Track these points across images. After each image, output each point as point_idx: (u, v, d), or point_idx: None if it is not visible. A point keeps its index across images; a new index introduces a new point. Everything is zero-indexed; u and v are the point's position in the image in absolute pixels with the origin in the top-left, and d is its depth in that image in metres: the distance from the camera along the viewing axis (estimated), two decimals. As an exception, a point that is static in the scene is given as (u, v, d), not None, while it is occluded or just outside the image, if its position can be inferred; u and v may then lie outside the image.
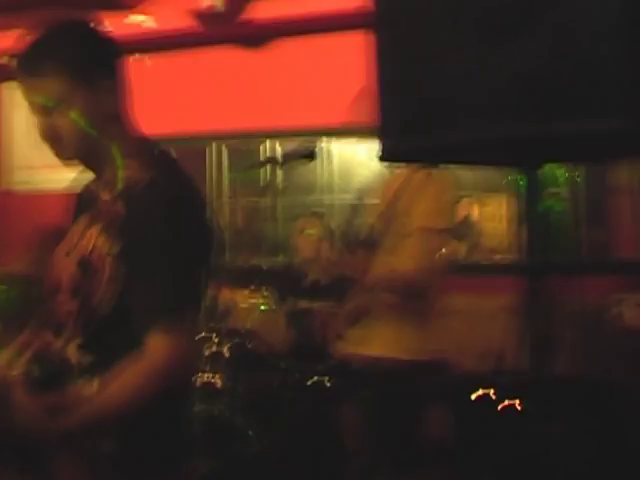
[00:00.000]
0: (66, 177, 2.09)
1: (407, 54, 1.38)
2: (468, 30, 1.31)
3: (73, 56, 1.88)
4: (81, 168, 2.03)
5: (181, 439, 1.95)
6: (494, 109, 1.29)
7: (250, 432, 4.10)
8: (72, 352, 1.90)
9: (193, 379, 1.98)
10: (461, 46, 1.32)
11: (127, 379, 1.79)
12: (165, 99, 6.76)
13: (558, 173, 5.43)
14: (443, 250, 3.28)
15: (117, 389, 1.79)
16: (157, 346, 1.77)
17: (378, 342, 3.26)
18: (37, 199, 7.07)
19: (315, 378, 4.31)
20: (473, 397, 4.24)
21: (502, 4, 1.27)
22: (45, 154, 1.96)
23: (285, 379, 4.35)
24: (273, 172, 6.33)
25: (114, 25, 6.55)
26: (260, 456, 4.07)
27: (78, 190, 2.11)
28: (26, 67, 1.89)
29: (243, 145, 6.85)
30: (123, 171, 1.90)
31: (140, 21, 6.50)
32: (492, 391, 4.28)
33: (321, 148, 5.49)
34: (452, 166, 3.11)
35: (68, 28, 1.96)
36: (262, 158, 6.53)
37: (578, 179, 5.59)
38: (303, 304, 4.82)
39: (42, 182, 7.16)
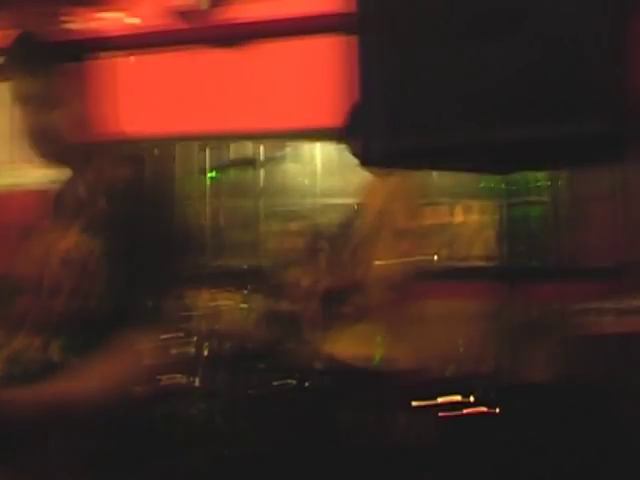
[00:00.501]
0: (45, 174, 2.09)
1: (390, 58, 1.38)
2: (451, 35, 1.31)
3: (33, 67, 1.90)
4: (59, 167, 2.02)
5: (153, 438, 1.95)
6: (476, 113, 1.28)
7: (229, 432, 4.10)
8: (54, 351, 1.89)
9: (162, 379, 1.98)
10: (444, 51, 1.32)
11: (96, 376, 1.79)
12: (143, 98, 6.73)
13: (535, 178, 5.44)
14: (413, 251, 3.29)
15: (86, 378, 1.80)
16: (124, 345, 1.80)
17: (353, 344, 3.26)
18: (16, 196, 7.02)
19: (293, 380, 4.31)
20: (446, 401, 4.25)
21: (485, 9, 1.27)
22: (25, 151, 1.96)
23: (264, 380, 4.35)
24: (253, 174, 6.33)
25: (93, 22, 6.57)
26: (240, 457, 4.06)
27: (55, 189, 2.10)
28: (18, 60, 1.92)
29: (222, 146, 6.83)
30: (101, 171, 1.91)
31: (119, 18, 6.47)
32: (466, 396, 4.29)
33: (295, 150, 5.49)
34: (431, 171, 3.13)
35: (26, 39, 1.97)
36: (241, 159, 6.51)
37: (556, 184, 5.60)
38: (283, 305, 4.81)
39: (23, 179, 7.11)
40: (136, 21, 6.44)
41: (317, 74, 6.25)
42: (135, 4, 6.56)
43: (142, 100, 6.68)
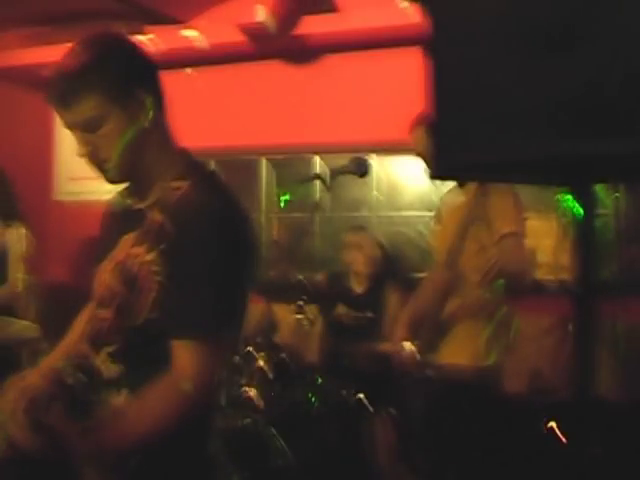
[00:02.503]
0: (110, 189, 2.10)
1: (460, 71, 1.36)
2: (520, 47, 1.29)
3: (107, 75, 1.86)
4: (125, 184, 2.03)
5: (207, 454, 1.94)
6: (546, 127, 1.26)
7: (286, 447, 4.09)
8: (103, 361, 1.90)
9: (218, 395, 1.96)
10: (513, 63, 1.29)
11: (155, 397, 1.79)
12: (215, 113, 6.80)
13: (602, 192, 5.34)
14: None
15: (146, 407, 1.80)
16: (185, 358, 1.78)
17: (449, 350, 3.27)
18: (82, 210, 7.16)
19: (353, 394, 4.30)
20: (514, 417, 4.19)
21: (550, 20, 1.24)
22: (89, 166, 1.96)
23: (323, 395, 4.34)
24: (321, 189, 6.33)
25: (164, 39, 6.67)
26: (295, 471, 4.06)
27: (116, 204, 2.11)
28: (62, 90, 1.87)
29: (291, 160, 6.86)
30: (168, 187, 1.89)
31: (190, 36, 6.56)
32: (533, 411, 4.24)
33: (370, 164, 5.47)
34: (501, 184, 3.11)
35: (100, 47, 1.93)
36: (310, 174, 6.52)
37: (621, 197, 5.49)
38: (349, 320, 4.81)
39: (87, 193, 7.24)
40: (206, 38, 6.52)
41: (386, 88, 6.25)
42: (205, 22, 6.64)
43: (210, 115, 6.76)
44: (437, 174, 1.47)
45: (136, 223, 1.89)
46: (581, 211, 1.43)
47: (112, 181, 1.95)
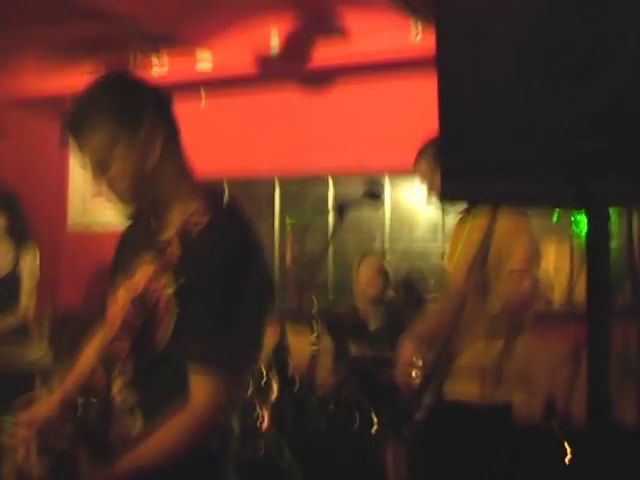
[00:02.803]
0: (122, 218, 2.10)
1: (469, 95, 1.35)
2: (533, 70, 1.28)
3: (117, 109, 1.90)
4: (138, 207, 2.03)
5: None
6: (560, 151, 1.25)
7: (300, 473, 4.08)
8: (119, 389, 1.90)
9: (234, 423, 1.96)
10: (526, 86, 1.28)
11: (172, 427, 1.78)
12: (228, 139, 6.83)
13: (615, 215, 5.28)
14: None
15: (162, 438, 1.79)
16: (200, 388, 1.78)
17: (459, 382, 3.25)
18: (96, 240, 7.18)
19: (366, 422, 4.28)
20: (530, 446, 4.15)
21: (569, 41, 1.24)
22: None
23: (336, 422, 4.33)
24: (337, 218, 6.32)
25: (177, 66, 6.73)
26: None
27: (132, 233, 2.11)
28: (74, 125, 1.92)
29: (305, 188, 6.86)
30: (181, 213, 1.90)
31: (203, 62, 6.60)
32: (548, 440, 4.19)
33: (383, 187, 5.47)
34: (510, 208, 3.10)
35: (110, 82, 1.99)
36: (327, 202, 6.53)
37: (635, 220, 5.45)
38: (362, 350, 4.78)
39: (101, 224, 7.29)
40: (219, 63, 6.57)
41: (399, 114, 6.27)
42: (218, 47, 6.69)
43: (223, 140, 6.79)
44: (446, 198, 1.46)
45: (154, 253, 1.89)
46: (594, 234, 1.42)
47: (131, 210, 1.97)
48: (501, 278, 3.20)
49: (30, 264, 5.02)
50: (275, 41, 6.23)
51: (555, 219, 5.36)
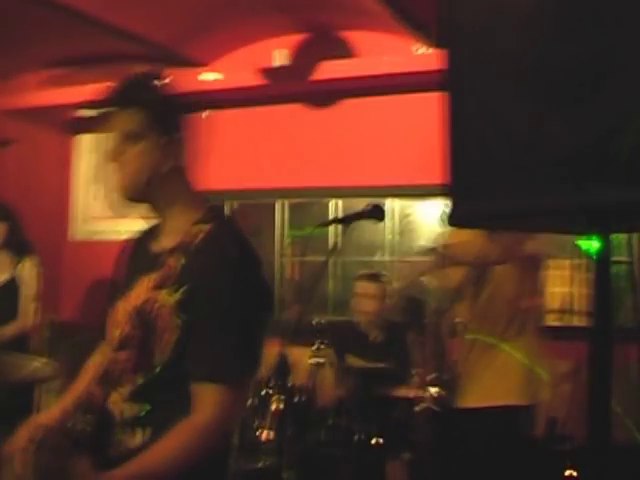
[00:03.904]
0: (125, 228, 2.11)
1: (479, 117, 1.36)
2: (539, 94, 1.28)
3: (150, 96, 1.96)
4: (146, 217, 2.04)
5: None
6: (568, 175, 1.25)
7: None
8: (122, 402, 1.89)
9: (234, 435, 1.96)
10: (532, 110, 1.29)
11: (177, 439, 1.78)
12: (232, 156, 6.84)
13: (618, 238, 5.28)
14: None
15: (166, 450, 1.79)
16: (207, 401, 1.78)
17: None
18: (97, 249, 7.18)
19: (367, 437, 4.27)
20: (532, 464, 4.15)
21: (573, 67, 1.24)
22: (105, 206, 1.99)
23: (337, 437, 4.32)
24: (338, 232, 6.34)
25: (185, 81, 6.74)
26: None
27: (130, 241, 2.12)
28: (117, 99, 1.95)
29: (307, 203, 6.87)
30: (182, 224, 1.91)
31: (211, 78, 6.62)
32: (550, 458, 4.18)
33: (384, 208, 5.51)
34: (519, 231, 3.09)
35: (152, 79, 2.02)
36: (329, 217, 6.53)
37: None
38: (364, 363, 4.78)
39: (102, 233, 7.29)
40: (225, 80, 6.59)
41: (403, 133, 6.29)
42: (224, 64, 6.72)
43: (227, 157, 6.81)
44: (454, 221, 1.46)
45: (154, 265, 1.89)
46: (598, 257, 1.42)
47: (130, 200, 1.97)
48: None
49: (29, 273, 5.03)
50: (280, 58, 6.26)
51: (559, 241, 5.37)
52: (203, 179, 2.03)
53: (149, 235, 2.04)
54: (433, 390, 4.02)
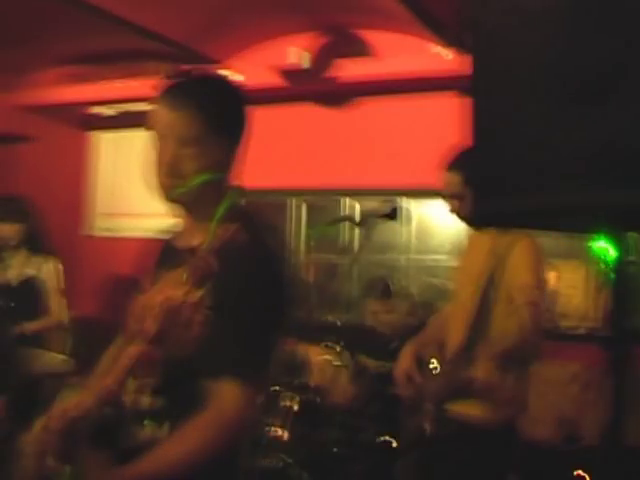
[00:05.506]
0: (144, 226, 2.12)
1: (502, 119, 1.36)
2: (560, 94, 1.28)
3: (210, 103, 1.98)
4: (175, 213, 2.05)
5: None
6: (585, 175, 1.25)
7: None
8: (141, 395, 1.91)
9: (251, 432, 1.97)
10: (554, 111, 1.29)
11: (197, 431, 1.80)
12: (247, 154, 6.84)
13: (633, 239, 5.25)
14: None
15: (187, 442, 1.80)
16: (229, 396, 1.79)
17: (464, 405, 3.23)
18: (113, 245, 7.21)
19: (380, 436, 4.28)
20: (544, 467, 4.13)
21: (593, 68, 1.24)
22: (125, 203, 2.00)
23: (350, 436, 4.32)
24: (351, 230, 6.34)
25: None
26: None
27: (163, 240, 2.14)
28: (170, 99, 1.95)
29: (322, 202, 6.88)
30: (221, 227, 1.91)
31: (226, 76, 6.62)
32: (561, 459, 4.17)
33: (400, 208, 5.50)
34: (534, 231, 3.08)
35: (208, 78, 2.10)
36: (340, 215, 6.54)
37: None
38: (377, 363, 4.78)
39: (118, 229, 7.31)
40: (241, 79, 6.60)
41: (419, 132, 6.28)
42: (240, 62, 6.72)
43: (249, 154, 6.81)
44: (478, 221, 1.47)
45: (179, 261, 1.90)
46: (614, 258, 1.42)
47: (173, 200, 1.98)
48: (502, 301, 3.17)
49: (53, 271, 5.06)
50: (295, 57, 6.26)
51: (573, 243, 5.35)
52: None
53: (181, 236, 2.06)
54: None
